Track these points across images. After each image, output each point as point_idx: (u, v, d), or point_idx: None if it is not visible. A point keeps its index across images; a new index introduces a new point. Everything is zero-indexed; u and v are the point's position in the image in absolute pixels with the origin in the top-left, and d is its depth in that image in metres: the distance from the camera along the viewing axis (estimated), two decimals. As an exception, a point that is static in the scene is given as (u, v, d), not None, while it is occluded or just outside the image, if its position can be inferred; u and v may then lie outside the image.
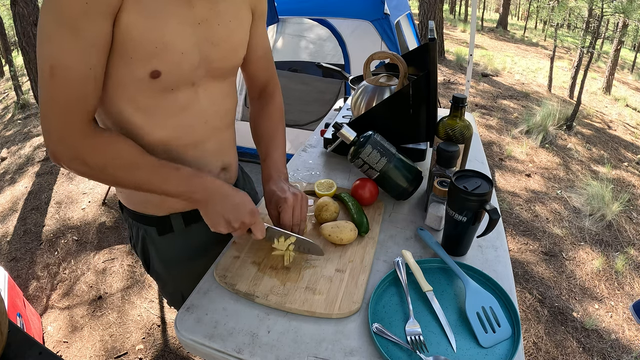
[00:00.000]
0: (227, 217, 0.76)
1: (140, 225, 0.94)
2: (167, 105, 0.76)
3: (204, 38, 0.75)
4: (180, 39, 0.71)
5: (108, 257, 2.55)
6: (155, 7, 0.66)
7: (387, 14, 3.02)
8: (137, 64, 0.68)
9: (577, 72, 6.07)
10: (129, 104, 0.73)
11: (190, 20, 0.72)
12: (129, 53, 0.67)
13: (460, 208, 0.79)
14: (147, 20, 0.66)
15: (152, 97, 0.74)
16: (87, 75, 0.64)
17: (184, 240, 0.95)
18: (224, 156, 0.93)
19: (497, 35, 12.84)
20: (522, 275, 2.51)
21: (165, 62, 0.70)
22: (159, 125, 0.77)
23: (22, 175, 3.70)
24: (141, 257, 0.99)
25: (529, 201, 3.36)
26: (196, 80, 0.78)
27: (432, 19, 6.67)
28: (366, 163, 0.98)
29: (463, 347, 0.67)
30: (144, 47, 0.67)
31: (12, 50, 8.42)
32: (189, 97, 0.78)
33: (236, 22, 0.81)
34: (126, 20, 0.64)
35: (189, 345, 0.70)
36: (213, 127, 0.86)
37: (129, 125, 0.76)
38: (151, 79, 0.70)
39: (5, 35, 7.66)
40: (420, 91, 1.06)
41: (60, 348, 1.95)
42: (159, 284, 1.07)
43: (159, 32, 0.67)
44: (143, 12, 0.65)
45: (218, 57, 0.79)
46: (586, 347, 2.04)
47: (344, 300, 0.74)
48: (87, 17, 0.60)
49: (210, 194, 0.77)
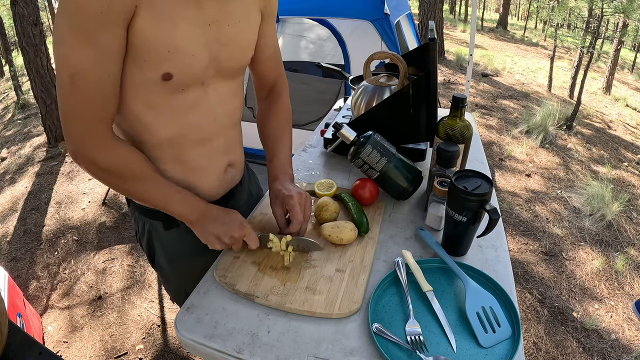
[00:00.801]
0: (216, 234, 0.81)
1: (147, 219, 0.95)
2: (177, 104, 0.78)
3: (214, 39, 0.76)
4: (191, 41, 0.72)
5: (108, 257, 2.55)
6: (167, 11, 0.67)
7: (387, 14, 3.02)
8: (150, 67, 0.70)
9: (577, 72, 6.07)
10: (139, 103, 0.75)
11: (200, 22, 0.73)
12: (143, 57, 0.69)
13: (460, 208, 0.79)
14: (160, 25, 0.67)
15: (163, 97, 0.75)
16: (105, 82, 0.67)
17: (189, 236, 0.95)
18: (231, 153, 0.95)
19: (497, 35, 12.84)
20: (522, 275, 2.51)
21: (176, 64, 0.72)
22: (168, 123, 0.79)
23: (22, 175, 3.70)
24: (146, 252, 1.01)
25: (529, 201, 3.36)
26: (206, 80, 0.79)
27: (432, 19, 6.67)
28: (366, 163, 0.98)
29: (463, 347, 0.67)
30: (156, 51, 0.69)
31: (12, 50, 8.43)
32: (199, 96, 0.80)
33: (245, 23, 0.82)
34: (140, 25, 0.65)
35: (189, 345, 0.70)
36: (221, 125, 0.87)
37: (138, 123, 0.78)
38: (163, 81, 0.72)
39: (5, 35, 7.66)
40: (420, 91, 1.06)
41: (60, 348, 1.95)
42: (163, 279, 1.09)
43: (171, 36, 0.69)
44: (155, 17, 0.66)
45: (227, 57, 0.81)
46: (586, 347, 2.04)
47: (344, 300, 0.74)
48: (103, 26, 0.62)
49: (203, 215, 0.82)
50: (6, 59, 7.09)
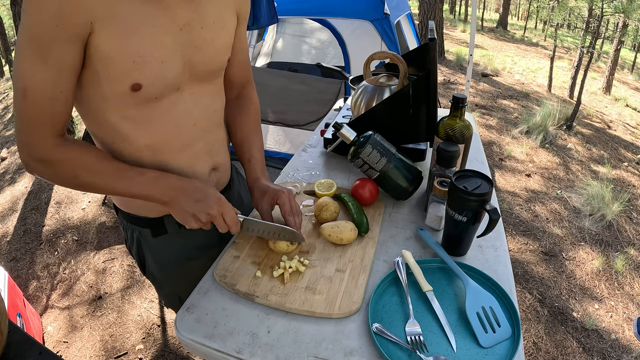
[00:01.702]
0: (192, 211, 0.76)
1: (135, 227, 0.94)
2: (153, 112, 0.76)
3: (188, 42, 0.75)
4: (159, 48, 0.70)
5: (108, 257, 2.55)
6: (129, 23, 0.66)
7: (387, 14, 3.02)
8: (116, 80, 0.69)
9: (577, 72, 6.07)
10: (114, 114, 0.74)
11: (169, 28, 0.71)
12: (107, 71, 0.68)
13: (460, 208, 0.79)
14: (120, 38, 0.66)
15: (137, 107, 0.74)
16: (57, 98, 0.67)
17: (178, 242, 0.95)
18: (214, 156, 0.93)
19: (497, 35, 12.84)
20: (522, 275, 2.51)
21: (145, 74, 0.70)
22: (145, 131, 0.78)
23: (22, 175, 3.70)
24: (137, 259, 1.00)
25: (529, 201, 3.36)
26: (181, 85, 0.78)
27: (432, 19, 6.67)
28: (366, 163, 0.98)
29: (463, 347, 0.67)
30: (120, 64, 0.68)
31: (12, 50, 8.42)
32: (175, 102, 0.78)
33: (220, 24, 0.80)
34: (97, 41, 0.65)
35: (189, 345, 0.70)
36: (201, 129, 0.86)
37: (117, 132, 0.76)
38: (132, 92, 0.71)
39: (5, 35, 7.66)
40: (420, 91, 1.06)
41: (60, 348, 1.95)
42: (155, 286, 1.07)
43: (134, 48, 0.67)
44: (114, 31, 0.65)
45: (202, 61, 0.79)
46: (586, 347, 2.04)
47: (344, 300, 0.74)
48: (56, 43, 0.62)
49: (176, 193, 0.77)
50: (6, 59, 7.09)
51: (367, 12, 3.04)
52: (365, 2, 3.05)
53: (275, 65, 3.75)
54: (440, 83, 6.37)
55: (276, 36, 3.86)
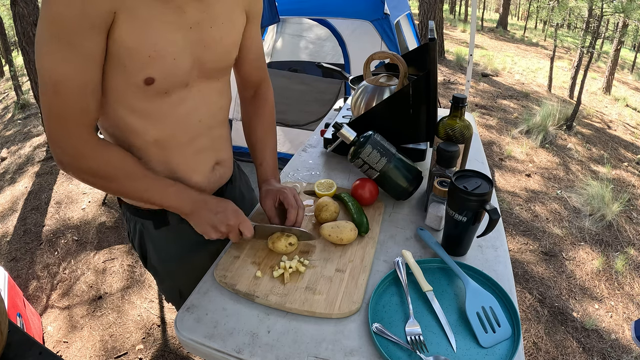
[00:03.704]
0: (212, 222, 0.81)
1: (138, 219, 0.95)
2: (162, 106, 0.78)
3: (197, 41, 0.77)
4: (171, 45, 0.72)
5: (108, 257, 2.55)
6: (146, 17, 0.68)
7: (387, 14, 3.02)
8: (132, 72, 0.70)
9: (577, 72, 6.07)
10: (124, 107, 0.76)
11: (181, 26, 0.73)
12: (124, 63, 0.69)
13: (460, 208, 0.79)
14: (139, 31, 0.67)
15: (147, 101, 0.76)
16: (87, 89, 0.68)
17: (180, 234, 0.96)
18: (218, 152, 0.96)
19: (497, 35, 12.84)
20: (522, 275, 2.51)
21: (158, 69, 0.72)
22: (153, 125, 0.79)
23: (22, 175, 3.70)
24: (139, 252, 1.01)
25: (529, 201, 3.36)
26: (190, 81, 0.80)
27: (432, 19, 6.67)
28: (366, 163, 0.98)
29: (463, 347, 0.67)
30: (137, 57, 0.69)
31: (12, 50, 8.43)
32: (183, 97, 0.80)
33: (229, 24, 0.82)
34: (119, 32, 0.66)
35: (189, 345, 0.70)
36: (207, 125, 0.88)
37: (124, 126, 0.78)
38: (145, 85, 0.72)
39: (5, 35, 7.66)
40: (420, 91, 1.06)
41: (60, 348, 1.95)
42: (157, 279, 1.09)
43: (151, 41, 0.69)
44: (135, 24, 0.66)
45: (211, 59, 0.81)
46: (586, 347, 2.04)
47: (344, 300, 0.74)
48: (82, 32, 0.62)
49: (197, 206, 0.82)
50: (6, 59, 7.09)
51: (367, 12, 3.04)
52: (365, 2, 3.05)
53: (275, 64, 3.75)
54: (440, 83, 6.37)
55: (276, 36, 3.86)
